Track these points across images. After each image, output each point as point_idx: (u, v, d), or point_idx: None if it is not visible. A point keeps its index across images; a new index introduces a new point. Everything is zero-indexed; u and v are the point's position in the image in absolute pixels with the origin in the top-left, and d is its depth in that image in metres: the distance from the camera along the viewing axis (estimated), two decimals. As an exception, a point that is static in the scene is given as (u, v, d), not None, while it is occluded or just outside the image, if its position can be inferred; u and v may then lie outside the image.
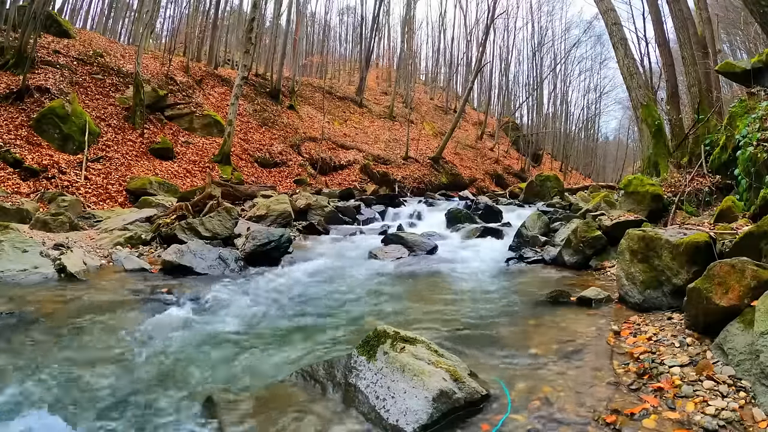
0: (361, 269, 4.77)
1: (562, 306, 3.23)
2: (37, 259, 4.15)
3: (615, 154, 38.83)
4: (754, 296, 2.05)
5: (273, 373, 2.28)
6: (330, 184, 15.51)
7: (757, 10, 4.27)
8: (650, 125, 8.50)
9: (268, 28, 27.11)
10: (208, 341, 2.70)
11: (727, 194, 5.17)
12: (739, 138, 4.81)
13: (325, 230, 7.11)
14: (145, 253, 5.14)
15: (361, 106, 24.20)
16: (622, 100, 37.00)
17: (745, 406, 1.73)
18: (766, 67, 5.65)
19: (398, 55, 30.64)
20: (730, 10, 17.54)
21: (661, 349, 2.29)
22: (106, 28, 24.71)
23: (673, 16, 9.31)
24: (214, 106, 15.69)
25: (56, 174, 8.41)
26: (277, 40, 23.47)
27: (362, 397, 1.86)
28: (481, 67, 23.90)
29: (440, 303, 3.55)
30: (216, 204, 6.08)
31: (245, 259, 4.85)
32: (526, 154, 27.52)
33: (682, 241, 2.90)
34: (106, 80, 12.86)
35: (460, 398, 1.80)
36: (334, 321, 3.13)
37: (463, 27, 34.68)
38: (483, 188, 20.28)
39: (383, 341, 2.05)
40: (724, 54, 13.69)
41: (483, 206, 9.05)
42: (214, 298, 3.55)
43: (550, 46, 33.72)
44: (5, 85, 9.97)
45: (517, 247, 5.50)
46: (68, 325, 2.85)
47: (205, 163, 12.16)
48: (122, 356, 2.44)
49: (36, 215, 5.80)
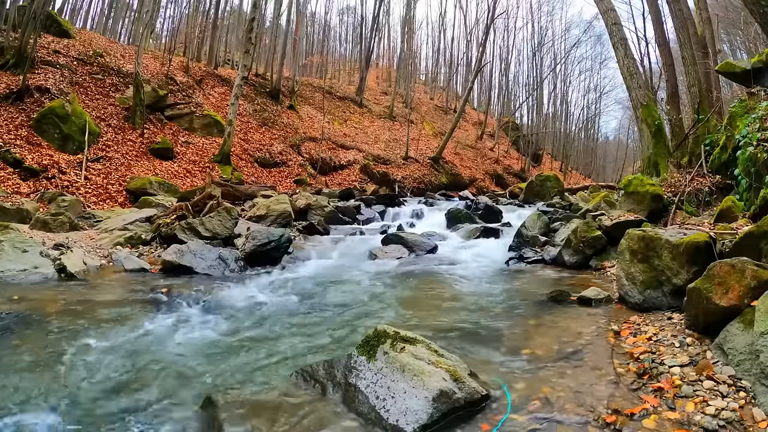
0: (362, 269, 4.77)
1: (563, 306, 3.23)
2: (37, 259, 4.16)
3: (615, 154, 38.83)
4: (754, 296, 2.04)
5: (273, 373, 2.28)
6: (330, 184, 15.51)
7: (757, 10, 4.26)
8: (650, 125, 8.50)
9: (268, 28, 27.11)
10: (207, 341, 2.70)
11: (727, 194, 5.17)
12: (739, 138, 4.80)
13: (325, 230, 7.11)
14: (145, 253, 5.14)
15: (361, 106, 24.20)
16: (622, 100, 37.03)
17: (745, 406, 1.73)
18: (766, 67, 5.65)
19: (398, 55, 30.66)
20: (730, 10, 17.54)
21: (661, 349, 2.29)
22: (106, 28, 24.71)
23: (673, 16, 9.31)
24: (214, 106, 15.69)
25: (56, 174, 8.41)
26: (277, 40, 23.47)
27: (362, 397, 1.86)
28: (481, 67, 23.90)
29: (440, 303, 3.55)
30: (216, 204, 6.08)
31: (245, 259, 4.85)
32: (526, 154, 27.51)
33: (682, 241, 2.90)
34: (106, 80, 12.86)
35: (460, 398, 1.80)
36: (334, 321, 3.13)
37: (463, 27, 34.68)
38: (483, 188, 20.28)
39: (383, 341, 2.05)
40: (724, 54, 13.69)
41: (483, 206, 9.04)
42: (214, 298, 3.55)
43: (550, 46, 33.75)
44: (5, 85, 9.97)
45: (517, 247, 5.50)
46: (68, 325, 2.85)
47: (205, 163, 12.16)
48: (122, 356, 2.44)
49: (36, 215, 5.80)
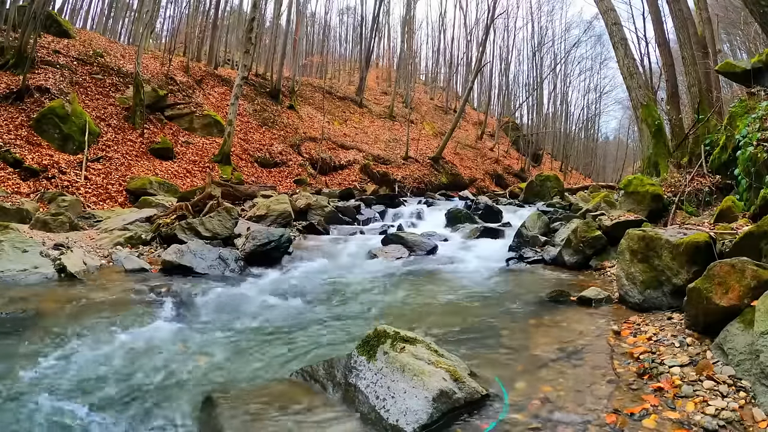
0: (361, 269, 4.77)
1: (562, 306, 3.23)
2: (37, 259, 4.15)
3: (615, 154, 38.80)
4: (754, 296, 2.05)
5: (273, 372, 2.28)
6: (330, 184, 15.51)
7: (757, 10, 4.27)
8: (650, 125, 8.50)
9: (268, 28, 27.10)
10: (207, 341, 2.70)
11: (727, 194, 5.16)
12: (739, 138, 4.80)
13: (325, 230, 7.11)
14: (145, 253, 5.14)
15: (361, 106, 24.19)
16: (622, 100, 37.00)
17: (745, 406, 1.73)
18: (766, 67, 5.65)
19: (398, 55, 30.62)
20: (730, 10, 17.54)
21: (661, 349, 2.29)
22: (106, 28, 24.70)
23: (673, 16, 9.31)
24: (214, 106, 15.69)
25: (56, 174, 8.41)
26: (277, 40, 23.46)
27: (362, 397, 1.86)
28: (481, 67, 23.89)
29: (440, 303, 3.55)
30: (216, 204, 6.07)
31: (245, 259, 4.85)
32: (526, 154, 27.50)
33: (682, 241, 2.90)
34: (106, 80, 12.86)
35: (460, 398, 1.80)
36: (334, 321, 3.13)
37: (463, 27, 34.62)
38: (483, 188, 20.27)
39: (383, 341, 2.05)
40: (724, 54, 13.68)
41: (483, 206, 9.05)
42: (214, 298, 3.55)
43: (550, 46, 33.71)
44: (5, 85, 9.97)
45: (517, 247, 5.50)
46: (68, 324, 2.84)
47: (205, 163, 12.16)
48: (122, 356, 2.44)
49: (36, 215, 5.80)
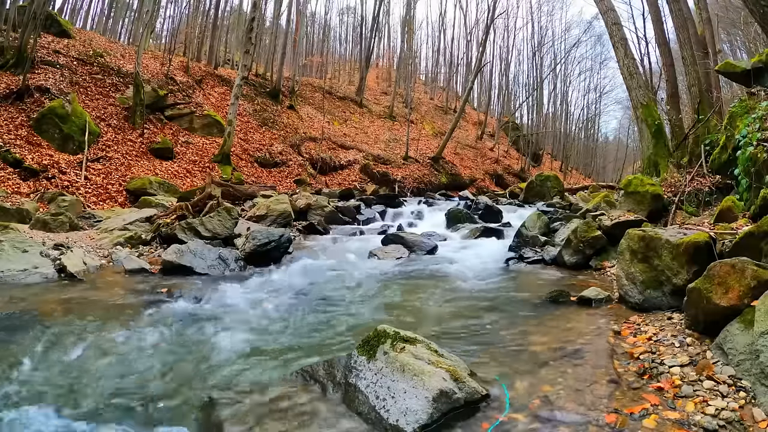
0: (361, 269, 4.76)
1: (563, 306, 3.23)
2: (37, 259, 4.15)
3: (615, 154, 38.86)
4: (754, 296, 2.05)
5: (273, 373, 2.28)
6: (330, 184, 15.51)
7: (757, 10, 4.27)
8: (650, 125, 8.50)
9: (268, 28, 27.10)
10: (207, 341, 2.70)
11: (727, 194, 5.16)
12: (739, 138, 4.80)
13: (325, 230, 7.11)
14: (145, 253, 5.14)
15: (361, 106, 24.20)
16: (622, 100, 37.08)
17: (745, 406, 1.73)
18: (766, 67, 5.65)
19: (398, 55, 30.71)
20: (730, 10, 17.54)
21: (661, 348, 2.29)
22: (106, 28, 24.73)
23: (673, 16, 9.32)
24: (214, 106, 15.69)
25: (56, 174, 8.42)
26: (277, 40, 23.47)
27: (362, 397, 1.86)
28: (481, 67, 23.89)
29: (440, 303, 3.54)
30: (216, 204, 6.07)
31: (245, 259, 4.85)
32: (526, 154, 27.50)
33: (682, 241, 2.90)
34: (106, 80, 12.87)
35: (460, 398, 1.80)
36: (334, 321, 3.13)
37: (463, 27, 34.74)
38: (483, 188, 20.27)
39: (383, 341, 2.05)
40: (724, 54, 13.67)
41: (483, 206, 9.03)
42: (214, 298, 3.55)
43: (550, 46, 33.80)
44: (5, 85, 9.97)
45: (517, 247, 5.49)
46: (68, 325, 2.84)
47: (205, 163, 12.16)
48: (122, 356, 2.44)
49: (36, 215, 5.80)
